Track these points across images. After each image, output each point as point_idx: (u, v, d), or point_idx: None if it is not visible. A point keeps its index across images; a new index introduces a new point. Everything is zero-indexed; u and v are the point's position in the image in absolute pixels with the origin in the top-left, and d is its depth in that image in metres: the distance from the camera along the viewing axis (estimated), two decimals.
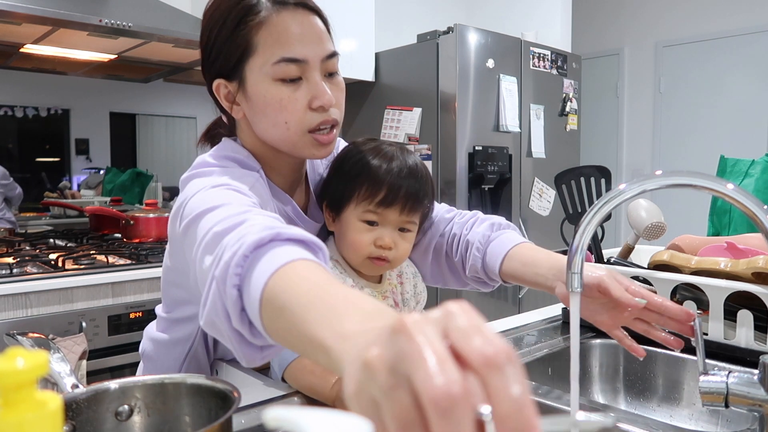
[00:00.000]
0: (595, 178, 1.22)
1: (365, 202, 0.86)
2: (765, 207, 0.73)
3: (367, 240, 0.86)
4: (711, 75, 4.17)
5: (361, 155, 0.88)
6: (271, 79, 0.76)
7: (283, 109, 0.77)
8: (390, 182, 0.85)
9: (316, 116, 0.78)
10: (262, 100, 0.77)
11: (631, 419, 0.75)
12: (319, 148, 0.81)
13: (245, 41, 0.76)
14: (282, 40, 0.75)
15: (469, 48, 2.70)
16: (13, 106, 2.50)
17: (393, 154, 0.88)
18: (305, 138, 0.79)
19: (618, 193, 0.83)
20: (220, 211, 0.63)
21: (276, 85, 0.76)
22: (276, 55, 0.75)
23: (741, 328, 0.96)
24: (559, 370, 1.06)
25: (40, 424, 0.31)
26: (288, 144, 0.80)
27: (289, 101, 0.76)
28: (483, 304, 2.81)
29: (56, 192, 2.66)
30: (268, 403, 0.79)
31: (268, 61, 0.75)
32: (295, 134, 0.78)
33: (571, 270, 0.85)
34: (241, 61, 0.77)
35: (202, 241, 0.61)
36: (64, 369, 0.68)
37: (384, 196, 0.85)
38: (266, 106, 0.77)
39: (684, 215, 3.33)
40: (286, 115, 0.77)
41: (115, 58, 2.40)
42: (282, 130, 0.78)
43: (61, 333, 1.69)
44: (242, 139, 0.86)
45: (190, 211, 0.68)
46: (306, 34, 0.77)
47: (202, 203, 0.67)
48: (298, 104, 0.77)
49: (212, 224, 0.61)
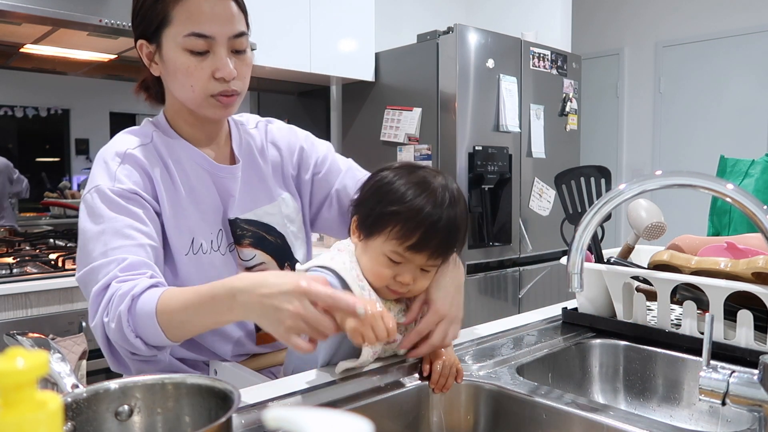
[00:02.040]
0: (595, 178, 1.22)
1: (395, 241, 0.81)
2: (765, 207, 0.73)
3: (388, 274, 0.84)
4: (711, 75, 4.17)
5: (407, 188, 0.83)
6: (181, 49, 0.89)
7: (189, 75, 0.90)
8: (426, 230, 0.81)
9: (218, 85, 0.91)
10: (173, 66, 0.91)
11: (631, 419, 0.75)
12: (220, 108, 0.94)
13: (163, 12, 0.89)
14: (193, 18, 0.88)
15: (469, 48, 2.70)
16: (13, 106, 2.50)
17: (440, 198, 0.83)
18: (208, 100, 0.93)
19: (618, 193, 0.83)
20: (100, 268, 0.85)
21: (185, 54, 0.89)
22: (187, 29, 0.88)
23: (741, 328, 0.96)
24: (559, 370, 1.06)
25: (40, 424, 0.31)
26: (193, 104, 0.94)
27: (195, 69, 0.90)
28: (483, 304, 2.81)
29: (56, 192, 2.66)
30: (268, 403, 0.79)
31: (180, 33, 0.88)
32: (199, 96, 0.92)
33: (571, 270, 0.85)
34: (159, 28, 0.90)
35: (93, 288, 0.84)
36: (64, 369, 0.68)
37: (414, 243, 0.81)
38: (176, 71, 0.91)
39: (684, 215, 3.33)
40: (192, 80, 0.90)
41: (115, 58, 2.40)
42: (188, 92, 0.92)
43: (61, 333, 1.69)
44: (166, 92, 1.00)
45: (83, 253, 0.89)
46: (216, 14, 0.89)
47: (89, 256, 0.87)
48: (203, 73, 0.90)
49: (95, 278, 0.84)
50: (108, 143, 0.97)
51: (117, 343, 0.84)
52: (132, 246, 0.86)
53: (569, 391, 0.98)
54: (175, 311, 0.79)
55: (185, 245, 0.95)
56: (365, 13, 2.96)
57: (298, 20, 2.67)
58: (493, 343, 1.09)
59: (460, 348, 1.05)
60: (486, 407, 0.89)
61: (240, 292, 0.73)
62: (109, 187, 0.89)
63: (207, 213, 0.98)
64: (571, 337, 1.12)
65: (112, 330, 0.81)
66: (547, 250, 3.10)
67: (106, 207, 0.88)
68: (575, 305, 1.23)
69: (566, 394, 0.84)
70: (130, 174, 0.91)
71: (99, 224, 0.87)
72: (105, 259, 0.85)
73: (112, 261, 0.84)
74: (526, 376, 0.93)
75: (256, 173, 1.07)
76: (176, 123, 1.00)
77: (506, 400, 0.86)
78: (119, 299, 0.81)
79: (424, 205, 0.81)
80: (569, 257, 0.85)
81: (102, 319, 0.83)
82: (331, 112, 3.37)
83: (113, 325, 0.81)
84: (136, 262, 0.85)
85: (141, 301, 0.80)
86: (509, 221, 2.91)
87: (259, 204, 1.06)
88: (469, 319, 3.17)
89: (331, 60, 2.83)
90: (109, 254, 0.85)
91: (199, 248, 0.96)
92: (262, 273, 0.77)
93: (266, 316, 0.71)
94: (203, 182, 0.99)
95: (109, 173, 0.91)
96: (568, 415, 0.79)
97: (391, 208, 0.82)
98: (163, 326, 0.79)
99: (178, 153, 0.98)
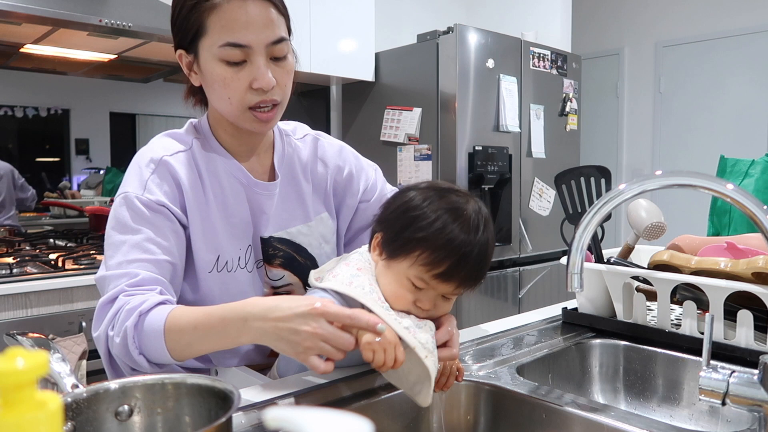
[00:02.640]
0: (595, 178, 1.22)
1: (422, 268, 0.77)
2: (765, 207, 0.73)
3: (409, 299, 0.80)
4: (711, 75, 4.17)
5: (438, 214, 0.78)
6: (217, 60, 0.86)
7: (226, 87, 0.87)
8: (457, 261, 0.77)
9: (256, 96, 0.88)
10: (210, 77, 0.88)
11: (631, 419, 0.75)
12: (259, 123, 0.91)
13: (198, 22, 0.85)
14: (228, 26, 0.84)
15: (469, 48, 2.70)
16: (13, 106, 2.50)
17: (473, 226, 0.78)
18: (246, 114, 0.90)
19: (618, 193, 0.83)
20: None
21: (221, 65, 0.86)
22: (222, 39, 0.84)
23: (741, 328, 0.96)
24: (559, 370, 1.06)
25: (40, 424, 0.31)
26: (231, 116, 0.92)
27: (232, 80, 0.86)
28: (483, 304, 2.81)
29: (56, 192, 2.66)
30: (268, 403, 0.79)
31: (215, 43, 0.85)
32: (237, 109, 0.89)
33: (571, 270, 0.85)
34: (195, 38, 0.87)
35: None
36: (64, 369, 0.68)
37: (443, 272, 0.77)
38: (213, 82, 0.88)
39: (684, 215, 3.33)
40: (229, 92, 0.87)
41: (115, 58, 2.40)
42: (226, 103, 0.89)
43: (61, 333, 1.69)
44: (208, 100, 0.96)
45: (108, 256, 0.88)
46: (252, 21, 0.84)
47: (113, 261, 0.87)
48: (240, 84, 0.87)
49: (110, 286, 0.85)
50: (148, 144, 0.96)
51: (119, 358, 0.83)
52: (148, 261, 0.85)
53: (569, 391, 0.98)
54: (183, 331, 0.78)
55: (210, 262, 0.93)
56: (365, 13, 2.96)
57: (297, 20, 2.66)
58: (493, 343, 1.09)
59: (460, 348, 1.05)
60: (486, 407, 0.89)
61: (253, 318, 0.73)
62: (138, 196, 0.88)
63: (237, 228, 0.96)
64: (571, 337, 1.12)
65: (116, 345, 0.80)
66: (547, 250, 3.10)
67: (130, 217, 0.87)
68: (575, 305, 1.23)
69: (566, 394, 0.84)
70: (161, 184, 0.90)
71: (122, 233, 0.87)
72: (119, 270, 0.84)
73: (125, 275, 0.84)
74: (526, 376, 0.93)
75: (295, 190, 1.03)
76: (217, 131, 0.98)
77: (506, 400, 0.86)
78: (126, 314, 0.80)
79: (457, 234, 0.77)
80: (569, 257, 0.85)
81: (107, 332, 0.82)
82: (331, 112, 3.37)
83: (118, 339, 0.80)
84: (148, 278, 0.84)
85: (149, 318, 0.79)
86: (509, 221, 2.91)
87: (293, 223, 1.02)
88: (469, 319, 3.16)
89: (331, 60, 2.83)
90: (123, 266, 0.84)
91: (223, 266, 0.94)
92: (272, 298, 0.75)
93: (282, 340, 0.71)
94: (237, 197, 0.96)
95: (140, 180, 0.89)
96: (568, 415, 0.79)
97: (421, 234, 0.77)
98: (170, 345, 0.79)
99: (215, 164, 0.95)
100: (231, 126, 0.95)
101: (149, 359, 0.81)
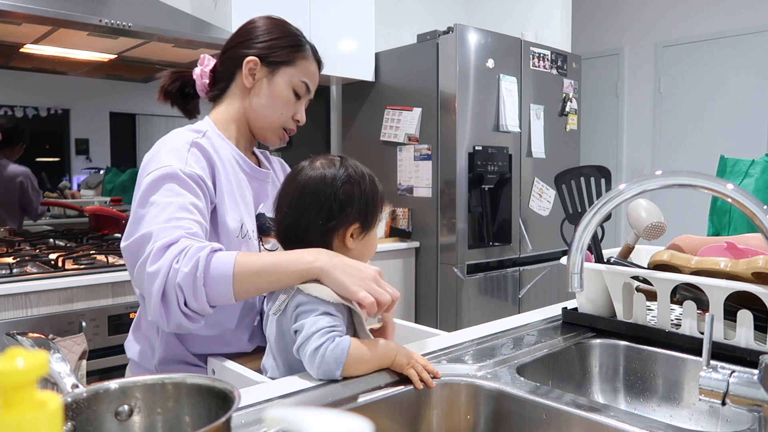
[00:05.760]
0: (595, 178, 1.22)
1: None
2: (765, 207, 0.73)
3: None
4: (711, 75, 4.17)
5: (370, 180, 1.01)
6: (290, 86, 1.15)
7: (284, 106, 1.16)
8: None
9: (291, 124, 1.18)
10: (277, 92, 1.14)
11: (631, 419, 0.75)
12: (278, 140, 1.19)
13: (291, 57, 1.15)
14: (308, 73, 1.17)
15: (469, 48, 2.70)
16: (13, 106, 2.50)
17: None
18: (279, 130, 1.17)
19: (618, 193, 0.83)
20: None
21: (290, 91, 1.15)
22: (302, 77, 1.16)
23: (741, 328, 0.96)
24: (559, 370, 1.06)
25: (40, 424, 0.31)
26: (267, 124, 1.16)
27: (289, 105, 1.16)
28: (483, 304, 2.81)
29: (56, 192, 2.66)
30: (268, 403, 0.79)
31: (297, 77, 1.15)
32: (276, 123, 1.16)
33: (571, 270, 0.85)
34: (282, 63, 1.14)
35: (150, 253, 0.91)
36: (64, 369, 0.68)
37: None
38: (278, 98, 1.14)
39: (684, 215, 3.33)
40: (283, 110, 1.16)
41: (115, 58, 2.40)
42: (274, 114, 1.15)
43: (61, 333, 1.69)
44: (228, 101, 1.17)
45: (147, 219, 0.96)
46: (316, 79, 1.20)
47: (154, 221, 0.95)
48: (290, 110, 1.17)
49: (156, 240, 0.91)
50: (167, 136, 1.08)
51: (179, 288, 0.88)
52: (194, 221, 0.96)
53: (569, 391, 0.98)
54: (252, 266, 0.89)
55: (237, 228, 1.07)
56: (365, 13, 2.96)
57: (297, 20, 2.66)
58: (493, 343, 1.09)
59: (460, 348, 1.05)
60: (486, 407, 0.89)
61: (326, 253, 0.90)
62: (181, 168, 1.00)
63: (249, 207, 1.13)
64: (571, 337, 1.12)
65: (183, 274, 0.87)
66: (547, 250, 3.10)
67: (176, 184, 0.98)
68: (575, 305, 1.23)
69: (566, 394, 0.84)
70: (198, 160, 1.04)
71: (166, 197, 0.97)
72: (171, 224, 0.93)
73: (179, 227, 0.93)
74: (526, 376, 0.93)
75: (273, 182, 1.24)
76: (228, 127, 1.16)
77: (506, 400, 0.86)
78: (197, 249, 0.89)
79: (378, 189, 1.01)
80: (569, 257, 0.85)
81: (171, 265, 0.88)
82: (331, 112, 3.37)
83: (186, 269, 0.87)
84: (199, 234, 0.95)
85: (218, 255, 0.90)
86: (509, 221, 2.91)
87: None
88: (469, 319, 3.16)
89: (331, 60, 2.82)
90: (174, 221, 0.93)
91: (246, 233, 1.09)
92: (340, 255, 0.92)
93: (347, 273, 0.88)
94: (244, 182, 1.13)
95: (180, 156, 1.02)
96: (568, 415, 0.79)
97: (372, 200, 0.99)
98: (236, 277, 0.88)
99: (227, 151, 1.12)
100: (245, 126, 1.17)
101: (208, 295, 0.89)
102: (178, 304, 0.89)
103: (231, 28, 2.43)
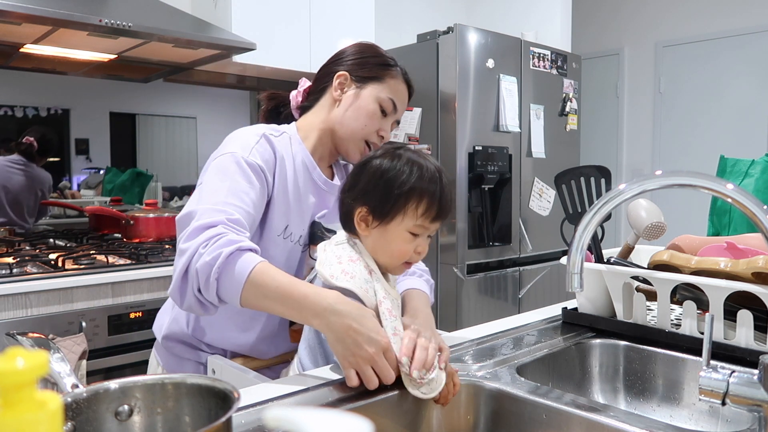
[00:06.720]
0: (595, 178, 1.22)
1: (421, 217, 0.92)
2: (765, 207, 0.73)
3: (411, 248, 0.93)
4: (711, 75, 4.17)
5: (409, 166, 0.93)
6: (377, 102, 1.15)
7: (370, 120, 1.15)
8: (441, 203, 0.93)
9: (375, 138, 1.17)
10: (365, 106, 1.15)
11: (631, 419, 0.75)
12: (359, 153, 1.16)
13: (380, 75, 1.17)
14: (395, 92, 1.17)
15: (469, 48, 2.70)
16: (13, 106, 2.50)
17: (435, 173, 0.95)
18: (360, 142, 1.16)
19: (618, 193, 0.83)
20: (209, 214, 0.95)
21: (377, 106, 1.15)
22: (389, 95, 1.16)
23: (741, 328, 0.96)
24: (559, 370, 1.06)
25: (40, 424, 0.31)
26: (351, 136, 1.15)
27: (374, 120, 1.16)
28: (483, 304, 2.81)
29: (56, 192, 2.66)
30: (268, 403, 0.79)
31: (384, 93, 1.16)
32: (360, 135, 1.15)
33: (571, 270, 0.85)
34: (371, 79, 1.16)
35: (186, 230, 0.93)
36: (64, 369, 0.68)
37: (437, 214, 0.93)
38: (365, 111, 1.15)
39: (684, 215, 3.34)
40: (369, 124, 1.15)
41: (115, 58, 2.40)
42: (359, 126, 1.15)
43: (61, 333, 1.69)
44: (315, 111, 1.19)
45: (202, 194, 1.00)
46: (403, 99, 1.20)
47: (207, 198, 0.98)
48: (376, 125, 1.16)
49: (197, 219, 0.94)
50: (243, 129, 1.12)
51: (196, 275, 0.89)
52: (242, 208, 0.98)
53: (569, 391, 0.98)
54: (265, 285, 0.88)
55: (279, 228, 1.09)
56: (365, 12, 2.96)
57: (298, 20, 2.67)
58: (493, 343, 1.09)
59: (460, 348, 1.05)
60: (486, 407, 0.89)
61: (333, 312, 0.83)
62: (244, 156, 1.03)
63: (304, 212, 1.13)
64: (571, 337, 1.12)
65: (203, 261, 0.88)
66: (547, 250, 3.10)
67: (234, 170, 1.01)
68: (575, 305, 1.23)
69: (566, 394, 0.84)
70: (263, 152, 1.07)
71: (223, 181, 1.00)
72: (217, 207, 0.96)
73: (223, 211, 0.95)
74: (526, 376, 0.93)
75: None
76: (308, 135, 1.17)
77: (506, 400, 0.86)
78: (226, 242, 0.89)
79: (431, 177, 0.93)
80: (569, 257, 0.85)
81: (198, 248, 0.90)
82: None
83: (208, 258, 0.88)
84: (241, 222, 0.96)
85: (243, 256, 0.89)
86: (509, 221, 2.91)
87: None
88: (469, 319, 3.15)
89: None
90: (221, 205, 0.96)
91: (288, 236, 1.10)
92: (362, 308, 0.85)
93: (343, 343, 0.82)
94: (308, 188, 1.14)
95: (247, 146, 1.05)
96: (568, 415, 0.79)
97: (407, 187, 0.91)
98: (246, 288, 0.87)
99: (299, 155, 1.14)
100: (328, 137, 1.18)
101: (218, 291, 0.89)
102: (192, 288, 0.90)
103: (231, 28, 2.44)
